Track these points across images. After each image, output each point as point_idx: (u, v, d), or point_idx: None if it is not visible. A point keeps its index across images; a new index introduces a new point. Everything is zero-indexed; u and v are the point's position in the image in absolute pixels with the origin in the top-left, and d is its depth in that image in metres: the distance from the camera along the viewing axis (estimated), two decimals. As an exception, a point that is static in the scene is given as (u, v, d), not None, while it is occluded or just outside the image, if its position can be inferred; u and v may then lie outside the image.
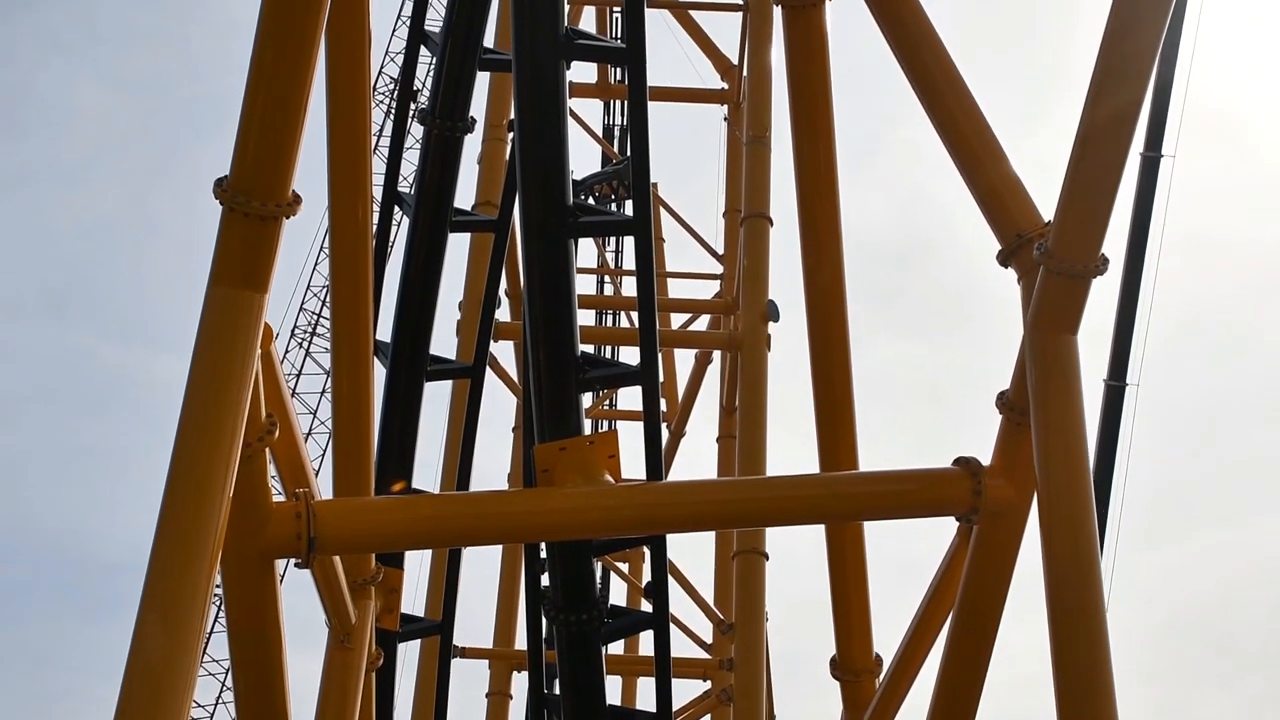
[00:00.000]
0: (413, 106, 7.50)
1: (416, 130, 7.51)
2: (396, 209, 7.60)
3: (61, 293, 66.22)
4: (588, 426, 6.42)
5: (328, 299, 35.06)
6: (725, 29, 16.73)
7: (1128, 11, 5.09)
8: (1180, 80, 14.81)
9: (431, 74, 7.32)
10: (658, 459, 6.25)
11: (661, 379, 7.64)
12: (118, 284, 68.64)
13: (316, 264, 34.47)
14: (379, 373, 7.12)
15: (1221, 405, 56.22)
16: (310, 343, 34.28)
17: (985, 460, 5.98)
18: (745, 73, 14.67)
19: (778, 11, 7.91)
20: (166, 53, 69.97)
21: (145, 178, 70.34)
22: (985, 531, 5.92)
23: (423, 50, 7.34)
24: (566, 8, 5.99)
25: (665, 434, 15.45)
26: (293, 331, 33.97)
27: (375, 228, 7.04)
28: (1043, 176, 6.09)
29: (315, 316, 34.39)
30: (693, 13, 16.59)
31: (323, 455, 28.48)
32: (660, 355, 6.68)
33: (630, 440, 6.32)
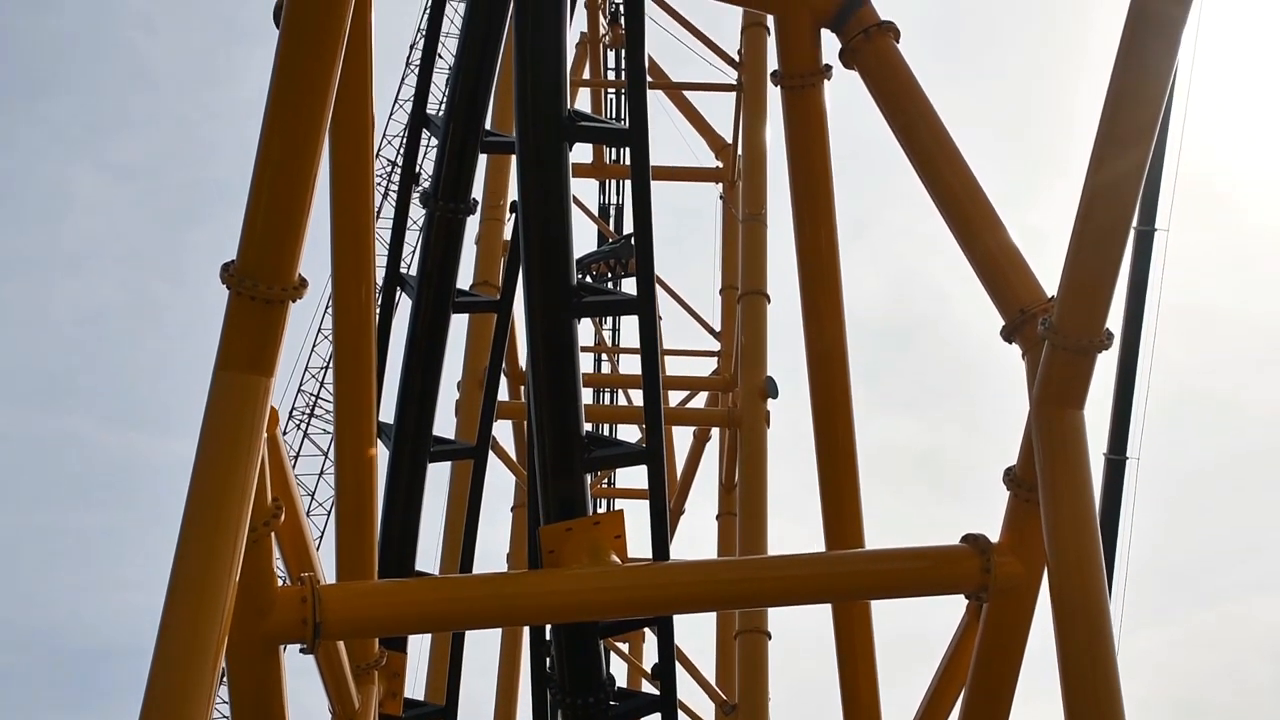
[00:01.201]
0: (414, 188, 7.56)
1: (415, 210, 7.57)
2: (399, 290, 7.63)
3: (58, 379, 66.22)
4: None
5: (326, 380, 35.11)
6: (719, 108, 16.95)
7: (1128, 82, 5.15)
8: (1171, 153, 14.98)
9: (434, 156, 7.39)
10: (664, 539, 6.22)
11: (663, 457, 7.60)
12: (114, 369, 68.73)
13: (315, 345, 34.54)
14: (381, 454, 7.11)
15: (1219, 478, 56.17)
16: (308, 424, 34.24)
17: (992, 536, 5.95)
18: (740, 151, 14.83)
19: (771, 90, 8.01)
20: (165, 138, 70.54)
21: (143, 264, 70.63)
22: (996, 609, 5.88)
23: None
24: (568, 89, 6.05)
25: (665, 512, 15.33)
26: (290, 413, 33.95)
27: (378, 309, 7.06)
28: (1037, 251, 6.15)
29: (313, 398, 34.38)
30: (687, 93, 16.82)
31: (320, 537, 28.33)
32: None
33: (631, 517, 6.29)
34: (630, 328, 21.20)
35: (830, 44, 6.84)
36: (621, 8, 20.91)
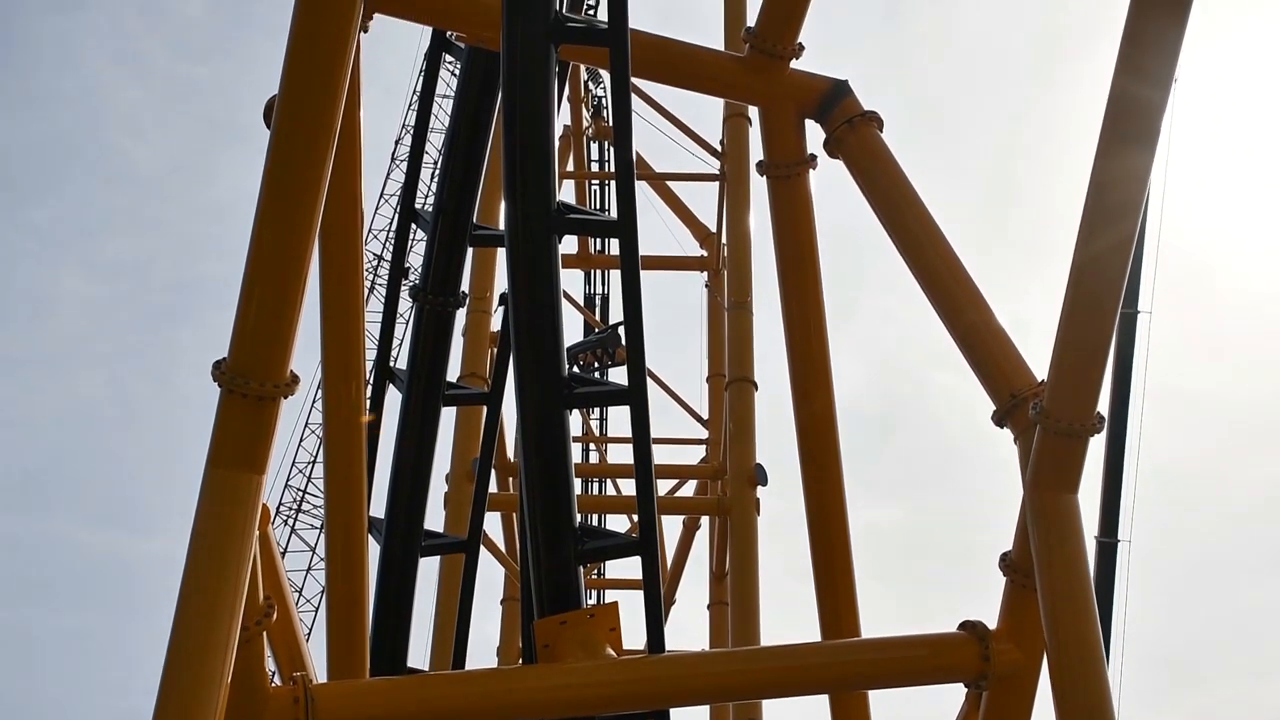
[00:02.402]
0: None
1: (403, 303, 7.58)
2: (388, 384, 7.61)
3: (39, 479, 65.80)
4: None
5: (313, 475, 34.84)
6: (702, 198, 17.11)
7: (1110, 165, 5.21)
8: (1151, 234, 15.14)
9: (422, 249, 7.42)
10: (660, 631, 6.14)
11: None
12: (97, 469, 68.30)
13: (302, 440, 34.40)
14: (371, 549, 7.06)
15: (1211, 563, 56.07)
16: (295, 520, 34.00)
17: (989, 623, 5.91)
18: (724, 239, 14.94)
19: (754, 178, 8.09)
20: (151, 238, 70.93)
21: (124, 362, 70.68)
22: (995, 697, 5.82)
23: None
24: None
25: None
26: (277, 508, 33.70)
27: (368, 403, 7.05)
28: (1022, 341, 6.19)
29: (300, 493, 34.17)
30: (670, 183, 16.99)
31: (309, 634, 27.94)
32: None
33: (623, 607, 6.22)
34: (618, 416, 21.22)
35: (814, 132, 6.95)
36: (605, 101, 21.20)
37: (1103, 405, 5.67)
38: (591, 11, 16.01)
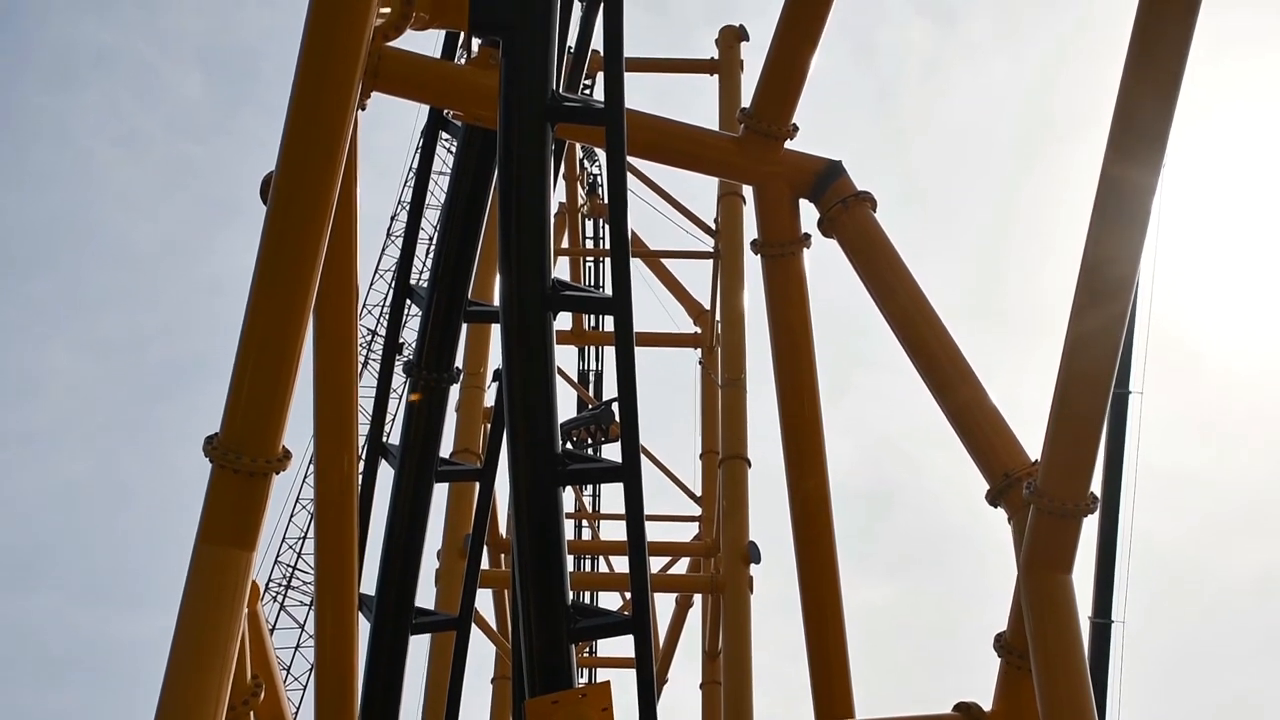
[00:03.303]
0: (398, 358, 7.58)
1: (396, 377, 7.57)
2: (380, 459, 7.59)
3: (28, 556, 65.25)
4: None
5: (304, 551, 34.51)
6: (696, 275, 17.19)
7: (1103, 245, 5.25)
8: (1142, 314, 15.21)
9: (416, 325, 7.43)
10: (652, 711, 6.07)
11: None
12: (85, 546, 67.71)
13: (293, 515, 34.20)
14: (362, 626, 6.99)
15: (1197, 644, 55.72)
16: (284, 596, 33.70)
17: (984, 704, 5.86)
18: (718, 316, 14.98)
19: (749, 256, 8.13)
20: (140, 313, 71.00)
21: (115, 439, 70.32)
22: (991, 780, 5.76)
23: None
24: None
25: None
26: (266, 584, 33.43)
27: (360, 480, 7.02)
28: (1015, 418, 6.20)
29: (290, 569, 33.91)
30: (665, 260, 17.08)
31: (296, 712, 27.67)
32: (646, 601, 6.58)
33: (614, 686, 6.15)
34: (612, 492, 21.15)
35: (809, 211, 7.01)
36: (600, 178, 21.37)
37: (1095, 485, 5.68)
38: (588, 90, 16.20)
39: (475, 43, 6.86)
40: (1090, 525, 5.72)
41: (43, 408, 67.55)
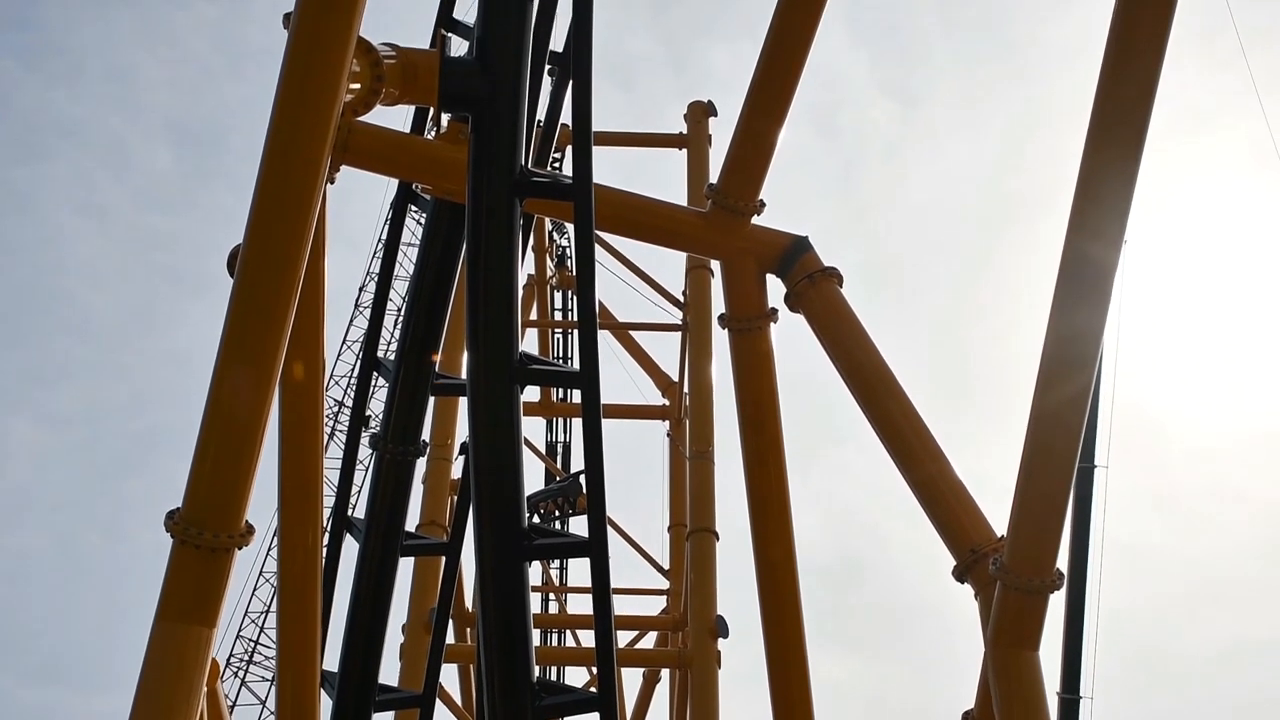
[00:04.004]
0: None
1: (362, 450, 7.52)
2: (345, 533, 7.52)
3: (-20, 634, 63.90)
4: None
5: (266, 625, 33.94)
6: (664, 348, 17.22)
7: (1066, 321, 5.30)
8: (1106, 388, 15.34)
9: (382, 397, 7.40)
10: (617, 790, 6.01)
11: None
12: (41, 623, 66.51)
13: (255, 589, 33.76)
14: (325, 704, 6.89)
15: (1163, 717, 55.55)
16: (246, 672, 33.18)
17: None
18: (686, 389, 15.00)
19: (716, 329, 8.17)
20: (103, 388, 70.30)
21: (75, 514, 69.28)
22: None
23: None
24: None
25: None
26: (228, 660, 32.93)
27: (324, 553, 6.95)
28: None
29: (252, 644, 33.43)
30: (633, 332, 17.11)
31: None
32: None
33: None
34: (578, 565, 21.00)
35: (776, 286, 7.05)
36: (569, 251, 21.45)
37: (1061, 560, 5.68)
38: (557, 163, 16.32)
39: (445, 117, 6.90)
40: (1057, 599, 5.73)
41: (2, 482, 66.71)
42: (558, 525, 15.84)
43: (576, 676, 16.98)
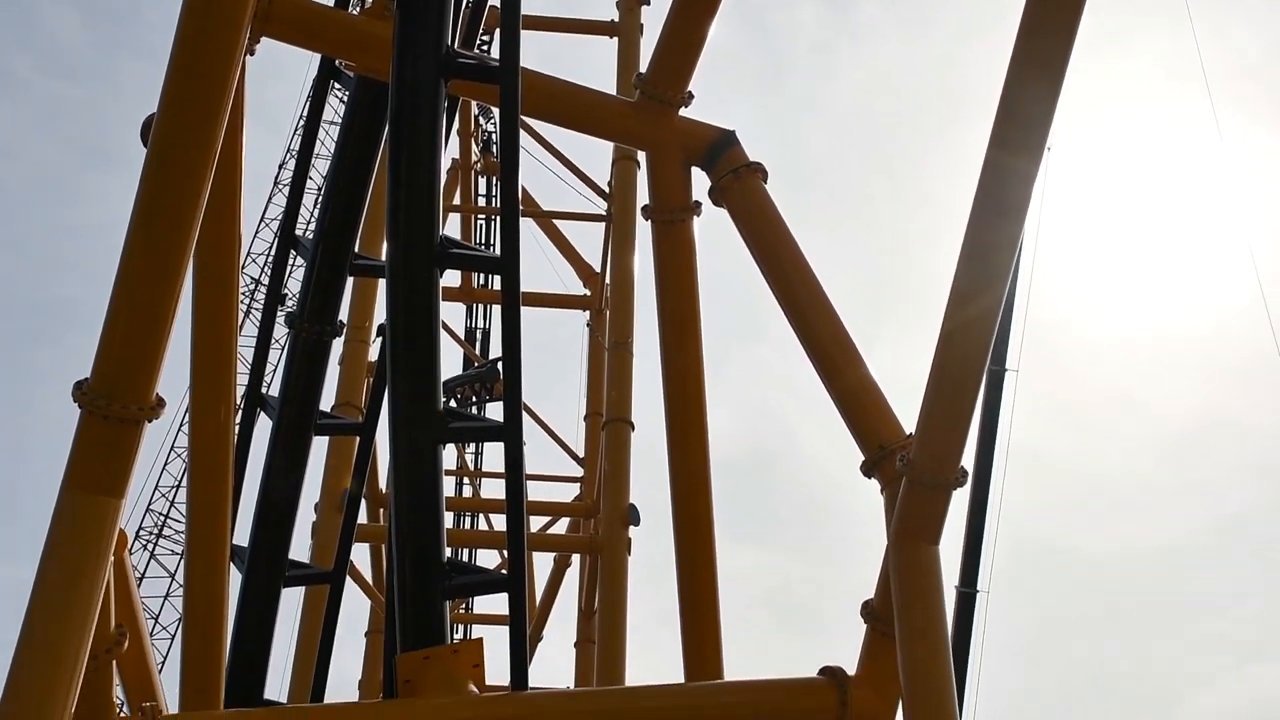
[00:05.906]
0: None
1: (278, 329, 7.47)
2: (259, 410, 7.48)
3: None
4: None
5: (177, 500, 33.86)
6: (588, 237, 17.19)
7: (983, 228, 5.36)
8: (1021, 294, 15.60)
9: (300, 277, 7.33)
10: (523, 669, 6.10)
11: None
12: (-56, 498, 65.45)
13: (166, 464, 33.56)
14: (233, 578, 6.92)
15: (1056, 617, 57.53)
16: (155, 545, 33.09)
17: (850, 669, 6.00)
18: (608, 280, 15.02)
19: (640, 221, 8.16)
20: (6, 255, 68.53)
21: (-21, 382, 67.99)
22: (853, 741, 5.90)
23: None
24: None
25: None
26: (137, 533, 32.80)
27: (237, 430, 6.92)
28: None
29: (162, 518, 33.30)
30: (557, 221, 17.04)
31: (164, 662, 27.22)
32: (524, 560, 6.61)
33: (489, 642, 6.17)
34: (493, 451, 21.09)
35: (701, 181, 7.04)
36: (494, 137, 21.19)
37: (968, 460, 5.82)
38: (485, 47, 16.05)
39: (371, -9, 6.76)
40: (961, 498, 5.88)
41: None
42: (474, 411, 15.89)
43: (489, 560, 17.16)
